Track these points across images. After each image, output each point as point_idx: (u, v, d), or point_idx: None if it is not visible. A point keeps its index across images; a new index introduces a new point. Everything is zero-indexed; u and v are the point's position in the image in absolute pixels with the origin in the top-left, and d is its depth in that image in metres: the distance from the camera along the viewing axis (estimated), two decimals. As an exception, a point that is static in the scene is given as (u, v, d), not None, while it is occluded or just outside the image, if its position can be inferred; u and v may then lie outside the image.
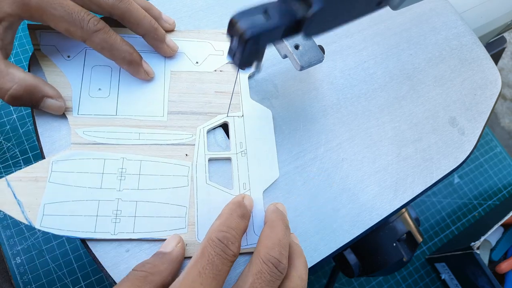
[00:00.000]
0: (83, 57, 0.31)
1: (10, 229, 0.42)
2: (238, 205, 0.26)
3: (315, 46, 0.31)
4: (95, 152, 0.28)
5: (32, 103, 0.28)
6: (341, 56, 0.37)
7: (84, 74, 0.30)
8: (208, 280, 0.22)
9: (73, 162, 0.27)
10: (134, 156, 0.28)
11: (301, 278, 0.25)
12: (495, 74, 0.39)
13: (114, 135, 0.29)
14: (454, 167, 0.34)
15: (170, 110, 0.30)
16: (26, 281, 0.41)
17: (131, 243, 0.27)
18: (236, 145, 0.30)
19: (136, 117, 0.30)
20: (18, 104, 0.27)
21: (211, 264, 0.22)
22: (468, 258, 0.46)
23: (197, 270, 0.22)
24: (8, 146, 0.46)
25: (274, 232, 0.25)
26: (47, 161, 0.27)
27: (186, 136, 0.30)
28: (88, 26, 0.28)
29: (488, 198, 0.59)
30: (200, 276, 0.22)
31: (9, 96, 0.26)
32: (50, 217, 0.26)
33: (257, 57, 0.25)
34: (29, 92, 0.27)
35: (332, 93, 0.35)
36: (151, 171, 0.28)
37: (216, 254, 0.23)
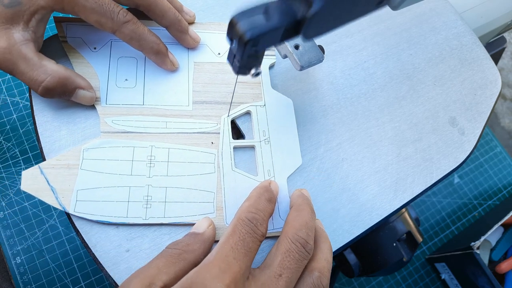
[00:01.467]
0: (109, 48, 0.32)
1: (10, 229, 0.42)
2: (266, 189, 0.27)
3: (315, 46, 0.31)
4: (124, 140, 0.29)
5: (64, 94, 0.28)
6: (341, 56, 0.37)
7: (111, 65, 0.31)
8: (240, 255, 0.23)
9: (104, 150, 0.28)
10: (162, 144, 0.29)
11: (327, 260, 0.26)
12: (495, 74, 0.39)
13: (142, 123, 0.30)
14: (454, 167, 0.34)
15: (194, 100, 0.31)
16: (26, 281, 0.41)
17: (131, 243, 0.27)
18: (260, 134, 0.31)
19: (163, 107, 0.30)
20: (50, 96, 0.28)
21: (242, 241, 0.23)
22: (468, 258, 0.46)
23: (229, 245, 0.23)
24: (8, 146, 0.46)
25: (301, 215, 0.26)
26: (79, 149, 0.28)
27: (211, 125, 0.31)
28: (118, 18, 0.28)
29: (488, 198, 0.59)
30: (232, 251, 0.23)
31: (42, 88, 0.27)
32: (83, 203, 0.26)
33: (256, 62, 0.25)
34: (62, 84, 0.28)
35: (332, 93, 0.35)
36: (179, 159, 0.29)
37: (247, 232, 0.24)
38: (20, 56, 0.27)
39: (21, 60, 0.27)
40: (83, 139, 0.29)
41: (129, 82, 0.31)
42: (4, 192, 0.44)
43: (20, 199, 0.44)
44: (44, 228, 0.43)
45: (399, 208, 0.32)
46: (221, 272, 0.22)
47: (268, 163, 0.30)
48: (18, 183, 0.45)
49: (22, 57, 0.27)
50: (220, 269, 0.22)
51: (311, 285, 0.24)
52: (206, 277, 0.21)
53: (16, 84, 0.49)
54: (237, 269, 0.22)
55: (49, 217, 0.44)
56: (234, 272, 0.22)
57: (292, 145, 0.31)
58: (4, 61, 0.27)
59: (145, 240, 0.27)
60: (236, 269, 0.22)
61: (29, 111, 0.48)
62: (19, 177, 0.45)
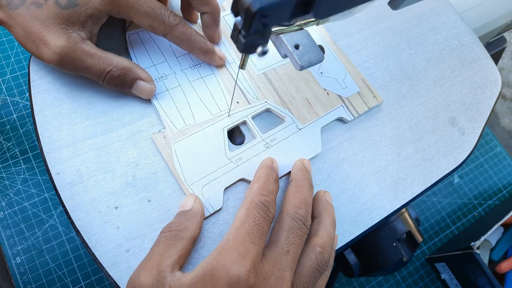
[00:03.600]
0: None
1: (10, 229, 0.42)
2: (272, 169, 0.28)
3: (315, 46, 0.31)
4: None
5: (126, 84, 0.30)
6: (341, 56, 0.36)
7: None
8: (256, 239, 0.24)
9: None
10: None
11: (329, 236, 0.27)
12: (495, 74, 0.39)
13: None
14: (454, 167, 0.34)
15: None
16: (26, 281, 0.41)
17: (131, 243, 0.27)
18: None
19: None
20: (113, 86, 0.30)
21: (258, 225, 0.24)
22: (468, 258, 0.46)
23: (245, 230, 0.24)
24: (8, 146, 0.46)
25: (300, 191, 0.27)
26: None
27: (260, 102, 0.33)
28: (169, 21, 0.30)
29: (488, 198, 0.59)
30: (249, 235, 0.24)
31: (108, 77, 0.29)
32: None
33: (262, 39, 0.23)
34: (125, 74, 0.29)
35: (332, 93, 0.35)
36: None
37: (261, 216, 0.25)
38: (84, 52, 0.28)
39: (86, 56, 0.28)
40: (83, 139, 0.29)
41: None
42: (4, 192, 0.44)
43: (20, 199, 0.44)
44: (44, 228, 0.43)
45: (399, 208, 0.32)
46: (241, 257, 0.23)
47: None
48: (18, 183, 0.45)
49: (86, 53, 0.28)
50: (240, 254, 0.23)
51: (314, 260, 0.26)
52: (227, 262, 0.22)
53: (16, 84, 0.49)
54: (255, 252, 0.23)
55: (49, 217, 0.44)
56: (253, 256, 0.23)
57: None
58: (69, 59, 0.28)
59: (145, 240, 0.27)
60: (254, 252, 0.23)
61: (29, 111, 0.48)
62: (19, 177, 0.45)
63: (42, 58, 0.28)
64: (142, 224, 0.27)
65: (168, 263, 0.23)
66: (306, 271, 0.26)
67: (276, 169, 0.29)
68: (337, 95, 0.34)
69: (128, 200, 0.28)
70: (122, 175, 0.29)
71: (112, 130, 0.30)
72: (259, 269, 0.23)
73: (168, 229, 0.26)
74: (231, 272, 0.22)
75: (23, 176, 0.45)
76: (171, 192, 0.29)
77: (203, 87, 0.32)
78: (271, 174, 0.28)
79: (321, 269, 0.26)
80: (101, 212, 0.27)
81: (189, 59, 0.33)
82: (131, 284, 0.23)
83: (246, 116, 0.32)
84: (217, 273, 0.22)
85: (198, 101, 0.32)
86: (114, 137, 0.30)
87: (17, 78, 0.49)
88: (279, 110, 0.32)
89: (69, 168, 0.28)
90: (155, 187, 0.29)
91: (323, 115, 0.33)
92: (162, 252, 0.24)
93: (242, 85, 0.33)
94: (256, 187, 0.27)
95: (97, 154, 0.29)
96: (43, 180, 0.45)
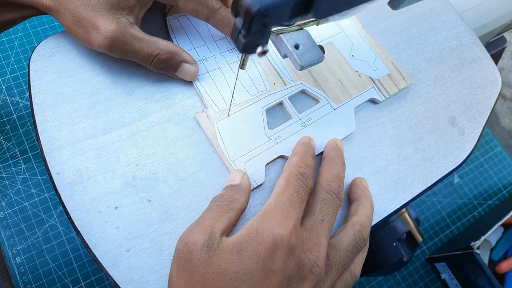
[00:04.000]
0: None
1: (10, 229, 0.42)
2: (309, 145, 0.30)
3: (315, 46, 0.31)
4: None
5: (172, 67, 0.31)
6: (341, 56, 0.36)
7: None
8: (296, 205, 0.26)
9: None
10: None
11: (368, 216, 0.29)
12: (495, 74, 0.39)
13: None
14: (454, 167, 0.34)
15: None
16: (26, 281, 0.41)
17: (131, 243, 0.27)
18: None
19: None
20: (159, 69, 0.31)
21: (297, 193, 0.26)
22: (468, 258, 0.46)
23: (286, 197, 0.26)
24: (8, 146, 0.46)
25: (333, 167, 0.29)
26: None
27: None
28: (212, 4, 0.31)
29: (488, 198, 0.59)
30: (289, 201, 0.26)
31: (155, 61, 0.30)
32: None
33: (263, 39, 0.24)
34: (171, 58, 0.31)
35: (332, 93, 0.35)
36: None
37: (300, 186, 0.27)
38: (132, 36, 0.29)
39: (135, 40, 0.29)
40: (83, 139, 0.29)
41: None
42: (4, 192, 0.44)
43: (20, 199, 0.44)
44: (44, 228, 0.43)
45: (399, 208, 0.32)
46: (284, 219, 0.25)
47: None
48: (18, 183, 0.45)
49: (134, 37, 0.29)
50: (282, 216, 0.25)
51: (353, 236, 0.27)
52: (271, 222, 0.24)
53: (16, 84, 0.49)
54: (296, 217, 0.25)
55: (49, 217, 0.44)
56: (294, 219, 0.25)
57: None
58: (118, 43, 0.29)
59: (145, 240, 0.27)
60: (295, 216, 0.25)
61: (29, 111, 0.48)
62: (19, 177, 0.45)
63: (91, 43, 0.29)
64: (142, 224, 0.27)
65: (219, 227, 0.25)
66: (344, 246, 0.27)
67: (313, 146, 0.30)
68: (368, 77, 0.35)
69: (128, 200, 0.28)
70: (122, 175, 0.29)
71: (112, 130, 0.30)
72: (299, 233, 0.25)
73: (219, 199, 0.27)
74: (275, 231, 0.24)
75: (23, 176, 0.45)
76: (171, 192, 0.29)
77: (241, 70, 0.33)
78: (308, 150, 0.29)
79: (359, 246, 0.27)
80: (101, 212, 0.27)
81: (226, 43, 0.34)
82: (184, 241, 0.25)
83: (283, 96, 0.33)
84: (262, 232, 0.24)
85: (237, 83, 0.33)
86: (114, 137, 0.30)
87: (17, 78, 0.49)
88: (313, 91, 0.33)
89: (69, 168, 0.28)
90: (155, 187, 0.29)
91: (356, 95, 0.34)
92: (214, 217, 0.26)
93: (277, 67, 0.34)
94: (294, 160, 0.28)
95: (97, 154, 0.29)
96: (43, 180, 0.45)
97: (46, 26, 0.53)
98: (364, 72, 0.35)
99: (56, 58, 0.31)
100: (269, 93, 0.33)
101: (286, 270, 0.24)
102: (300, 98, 0.34)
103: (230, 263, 0.24)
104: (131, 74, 0.32)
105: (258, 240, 0.24)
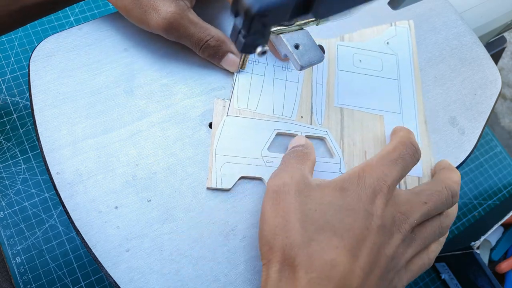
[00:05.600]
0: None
1: (10, 229, 0.42)
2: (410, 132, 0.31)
3: (315, 46, 0.31)
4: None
5: (218, 55, 0.32)
6: (341, 56, 0.36)
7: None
8: (398, 167, 0.26)
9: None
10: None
11: (454, 210, 0.30)
12: (495, 73, 0.39)
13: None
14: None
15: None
16: (26, 281, 0.41)
17: (131, 243, 0.27)
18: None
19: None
20: (206, 55, 0.32)
21: (402, 158, 0.27)
22: (468, 258, 0.46)
23: (389, 157, 0.27)
24: (8, 146, 0.46)
25: (457, 174, 0.30)
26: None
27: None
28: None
29: (488, 198, 0.59)
30: (392, 162, 0.27)
31: (205, 46, 0.31)
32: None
33: (262, 39, 0.24)
34: (219, 46, 0.31)
35: (332, 93, 0.35)
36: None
37: (407, 152, 0.27)
38: (189, 20, 0.30)
39: (191, 24, 0.30)
40: (83, 139, 0.29)
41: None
42: (4, 192, 0.44)
43: (20, 199, 0.44)
44: (44, 228, 0.43)
45: (399, 208, 0.32)
46: (384, 174, 0.26)
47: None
48: (18, 183, 0.45)
49: (191, 21, 0.30)
50: (383, 172, 0.26)
51: (438, 221, 0.28)
52: (372, 173, 0.26)
53: (16, 84, 0.49)
54: (396, 176, 0.26)
55: (49, 217, 0.44)
56: (393, 177, 0.26)
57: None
58: (176, 25, 0.30)
59: (145, 240, 0.27)
60: (395, 175, 0.26)
61: (29, 111, 0.48)
62: (19, 177, 0.45)
63: (148, 24, 0.30)
64: (142, 224, 0.27)
65: (306, 171, 0.27)
66: (430, 226, 0.28)
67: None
68: None
69: (128, 200, 0.28)
70: (122, 175, 0.29)
71: (112, 130, 0.30)
72: (397, 192, 0.26)
73: (296, 149, 0.29)
74: (376, 181, 0.25)
75: (23, 176, 0.45)
76: (171, 192, 0.29)
77: (281, 88, 0.33)
78: (411, 133, 0.31)
79: (442, 230, 0.28)
80: (101, 212, 0.27)
81: (285, 62, 0.34)
82: (278, 178, 0.26)
83: (300, 132, 0.32)
84: (363, 179, 0.25)
85: (269, 97, 0.33)
86: (114, 137, 0.30)
87: (17, 78, 0.49)
88: (333, 145, 0.32)
89: (69, 168, 0.28)
90: (155, 187, 0.29)
91: None
92: (298, 162, 0.27)
93: (315, 106, 0.33)
94: (402, 133, 0.30)
95: (97, 154, 0.29)
96: (43, 180, 0.45)
97: (46, 26, 0.53)
98: None
99: (56, 58, 0.32)
100: (290, 122, 0.32)
101: (383, 217, 0.25)
102: (317, 142, 0.32)
103: (334, 198, 0.25)
104: (132, 74, 0.32)
105: (359, 185, 0.25)
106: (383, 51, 0.37)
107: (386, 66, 0.36)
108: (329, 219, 0.24)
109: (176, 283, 0.27)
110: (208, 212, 0.29)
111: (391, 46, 0.37)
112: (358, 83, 0.35)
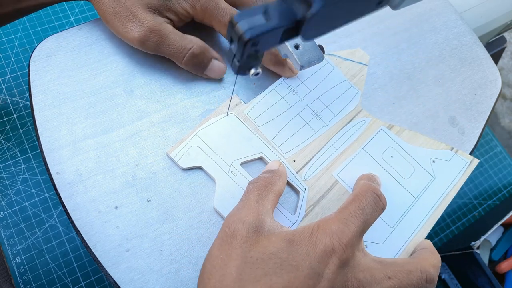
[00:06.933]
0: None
1: (10, 229, 0.42)
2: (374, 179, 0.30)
3: (315, 46, 0.31)
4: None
5: (202, 64, 0.32)
6: (341, 56, 0.36)
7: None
8: (357, 222, 0.24)
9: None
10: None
11: (436, 270, 0.27)
12: (495, 73, 0.39)
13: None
14: (454, 167, 0.34)
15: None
16: (26, 281, 0.41)
17: (131, 243, 0.27)
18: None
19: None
20: (191, 65, 0.32)
21: (361, 210, 0.25)
22: (468, 258, 0.46)
23: (348, 211, 0.25)
24: (8, 146, 0.46)
25: (438, 257, 0.27)
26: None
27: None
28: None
29: (488, 198, 0.59)
30: (351, 216, 0.24)
31: (189, 54, 0.31)
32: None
33: (255, 62, 0.26)
34: (203, 53, 0.31)
35: (332, 93, 0.35)
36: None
37: (368, 202, 0.25)
38: (168, 30, 0.30)
39: (171, 33, 0.31)
40: (83, 139, 0.29)
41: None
42: (4, 192, 0.44)
43: (20, 199, 0.44)
44: (44, 228, 0.43)
45: (399, 208, 0.32)
46: (339, 232, 0.23)
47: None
48: (18, 183, 0.45)
49: (170, 31, 0.31)
50: (339, 228, 0.23)
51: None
52: (326, 230, 0.23)
53: (16, 84, 0.49)
54: (354, 232, 0.24)
55: (49, 217, 0.44)
56: (351, 234, 0.23)
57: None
58: (154, 35, 0.30)
59: (145, 240, 0.27)
60: (353, 232, 0.23)
61: (29, 111, 0.48)
62: (19, 177, 0.45)
63: (127, 34, 0.30)
64: (142, 224, 0.27)
65: (264, 210, 0.25)
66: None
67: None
68: None
69: (128, 200, 0.28)
70: (122, 175, 0.29)
71: (112, 130, 0.30)
72: (355, 253, 0.24)
73: (258, 180, 0.27)
74: (329, 239, 0.23)
75: (23, 176, 0.45)
76: (171, 192, 0.29)
77: (297, 127, 0.32)
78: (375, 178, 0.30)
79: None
80: (101, 212, 0.27)
81: (320, 110, 0.33)
82: (232, 219, 0.25)
83: (291, 174, 0.31)
84: (316, 236, 0.23)
85: (280, 125, 0.32)
86: (114, 137, 0.30)
87: (17, 78, 0.49)
88: (301, 205, 0.30)
89: (69, 168, 0.28)
90: (155, 187, 0.29)
91: None
92: (257, 199, 0.26)
93: (315, 161, 0.31)
94: (364, 181, 0.28)
95: (97, 154, 0.29)
96: (43, 180, 0.45)
97: (46, 26, 0.53)
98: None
99: (56, 58, 0.32)
100: (279, 157, 0.31)
101: (334, 282, 0.23)
102: (291, 193, 0.31)
103: (279, 249, 0.23)
104: (132, 74, 0.32)
105: (311, 240, 0.23)
106: (422, 165, 0.33)
107: (415, 180, 0.32)
108: (268, 272, 0.22)
109: (176, 283, 0.27)
110: (208, 212, 0.29)
111: (434, 167, 0.33)
112: (372, 172, 0.31)
